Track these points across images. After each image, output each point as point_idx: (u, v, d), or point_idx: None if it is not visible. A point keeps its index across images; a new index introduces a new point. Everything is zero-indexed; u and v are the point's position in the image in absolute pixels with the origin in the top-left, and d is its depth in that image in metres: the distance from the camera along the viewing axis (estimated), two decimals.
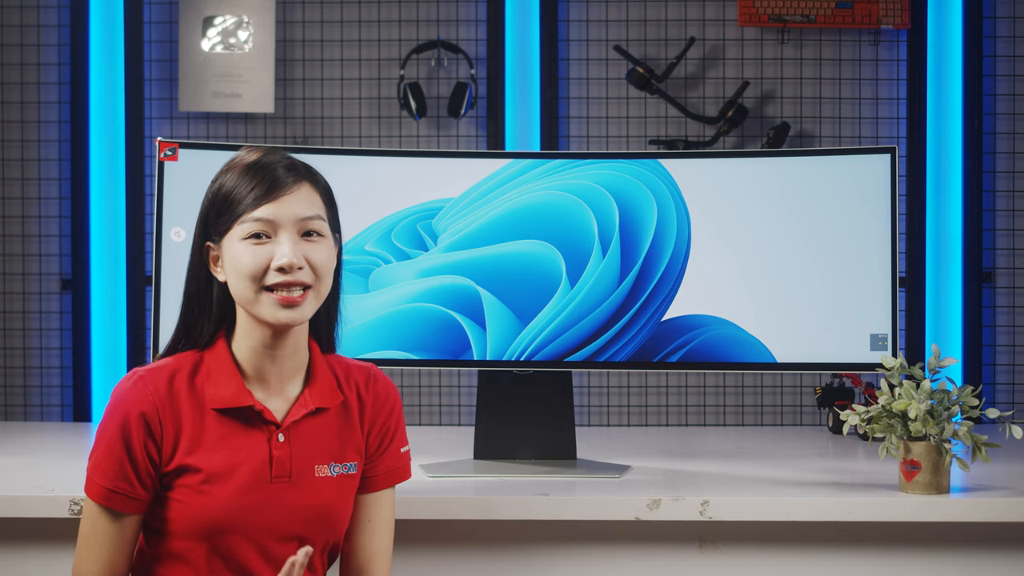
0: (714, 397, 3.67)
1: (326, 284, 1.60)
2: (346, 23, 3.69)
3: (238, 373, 1.60)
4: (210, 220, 1.60)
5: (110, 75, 3.65)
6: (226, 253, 1.58)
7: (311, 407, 1.62)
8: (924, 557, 1.97)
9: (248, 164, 1.59)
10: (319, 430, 1.63)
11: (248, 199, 1.56)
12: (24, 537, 1.94)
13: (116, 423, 1.56)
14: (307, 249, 1.57)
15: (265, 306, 1.56)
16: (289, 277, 1.55)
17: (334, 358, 1.69)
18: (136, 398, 1.56)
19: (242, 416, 1.58)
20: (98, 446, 1.58)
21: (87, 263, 3.62)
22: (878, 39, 3.66)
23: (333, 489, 1.63)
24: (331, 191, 1.64)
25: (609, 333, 2.19)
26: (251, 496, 1.57)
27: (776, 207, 2.21)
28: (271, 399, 1.61)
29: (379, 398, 1.69)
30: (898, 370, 2.01)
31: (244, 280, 1.56)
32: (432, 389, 3.67)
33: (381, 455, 1.69)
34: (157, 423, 1.56)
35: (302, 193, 1.58)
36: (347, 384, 1.67)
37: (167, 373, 1.59)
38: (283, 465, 1.59)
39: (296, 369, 1.63)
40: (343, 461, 1.64)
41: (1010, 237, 3.64)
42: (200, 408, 1.58)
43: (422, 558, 1.96)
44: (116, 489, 1.56)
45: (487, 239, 2.20)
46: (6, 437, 2.60)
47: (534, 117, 3.66)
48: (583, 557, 1.97)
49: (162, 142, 2.17)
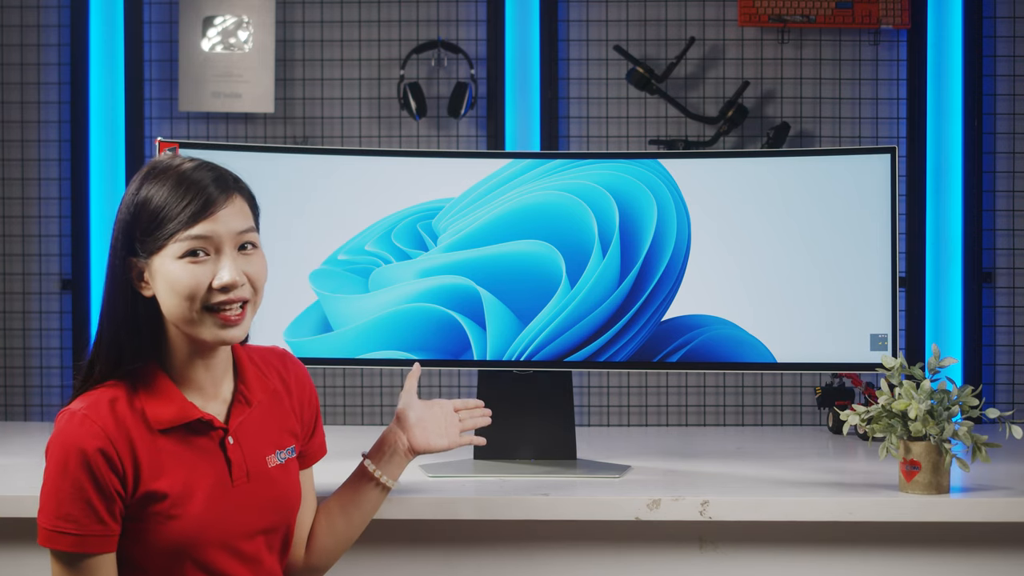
0: (714, 397, 3.67)
1: (261, 295, 1.59)
2: (346, 23, 3.69)
3: (175, 388, 1.57)
4: (135, 235, 1.53)
5: (110, 75, 3.65)
6: (158, 271, 1.53)
7: (252, 403, 1.63)
8: (924, 557, 1.96)
9: (177, 178, 1.54)
10: (258, 422, 1.64)
11: (182, 216, 1.51)
12: (24, 537, 1.94)
13: (76, 465, 1.49)
14: (244, 264, 1.55)
15: (206, 327, 1.53)
16: (231, 295, 1.53)
17: (248, 348, 1.69)
18: (88, 435, 1.50)
19: (191, 429, 1.57)
20: (58, 495, 1.50)
21: (87, 263, 3.62)
22: (878, 39, 3.66)
23: (285, 475, 1.65)
24: (255, 197, 1.62)
25: (609, 333, 2.19)
26: (219, 504, 1.57)
27: (776, 207, 2.21)
28: (209, 404, 1.60)
29: (299, 379, 1.72)
30: (898, 370, 2.01)
31: (182, 300, 1.52)
32: (432, 389, 3.67)
33: (313, 432, 1.74)
34: (115, 456, 1.51)
35: (235, 206, 1.55)
36: (268, 371, 1.68)
37: (106, 404, 1.52)
38: (240, 466, 1.60)
39: (226, 370, 1.63)
40: (285, 446, 1.66)
41: (1010, 237, 3.64)
42: (148, 431, 1.54)
43: (422, 558, 1.96)
44: (92, 533, 1.51)
45: (487, 239, 2.20)
46: (6, 437, 2.60)
47: (534, 117, 3.66)
48: (583, 557, 1.97)
49: (162, 142, 2.17)
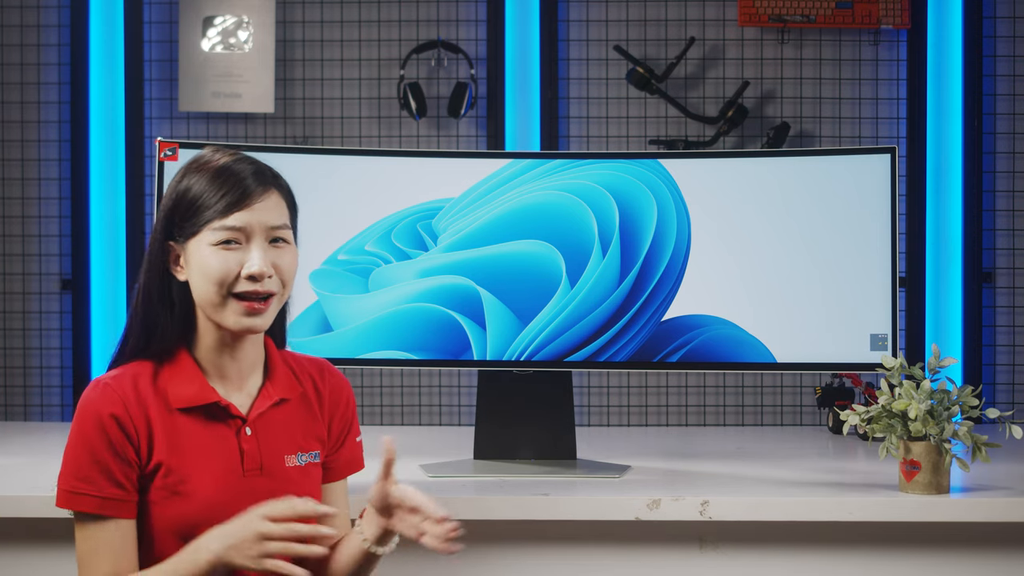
0: (714, 397, 3.67)
1: (289, 290, 1.63)
2: (346, 23, 3.69)
3: (199, 372, 1.61)
4: (175, 220, 1.60)
5: (110, 75, 3.65)
6: (192, 255, 1.58)
7: (275, 398, 1.64)
8: (924, 557, 1.96)
9: (217, 169, 1.59)
10: (283, 421, 1.65)
11: (218, 206, 1.57)
12: (24, 537, 1.94)
13: (93, 430, 1.55)
14: (275, 256, 1.59)
15: (229, 313, 1.57)
16: (258, 286, 1.57)
17: (287, 353, 1.72)
18: (106, 401, 1.56)
19: (208, 413, 1.60)
20: (76, 458, 1.56)
21: (87, 263, 3.62)
22: (878, 39, 3.65)
23: (303, 478, 1.65)
24: (294, 196, 1.66)
25: (609, 333, 2.19)
26: (227, 491, 1.58)
27: (776, 207, 2.21)
28: (233, 394, 1.63)
29: (335, 390, 1.72)
30: (898, 370, 2.01)
31: (212, 285, 1.57)
32: (432, 389, 3.67)
33: (342, 445, 1.73)
34: (130, 423, 1.56)
35: (271, 201, 1.59)
36: (302, 376, 1.70)
37: (130, 378, 1.59)
38: (254, 458, 1.61)
39: (255, 364, 1.65)
40: (308, 450, 1.67)
41: (1010, 237, 3.64)
42: (167, 409, 1.58)
43: (422, 558, 1.96)
44: (109, 496, 1.55)
45: (487, 239, 2.20)
46: (6, 437, 2.60)
47: (534, 117, 3.66)
48: (583, 557, 1.97)
49: (162, 142, 2.17)
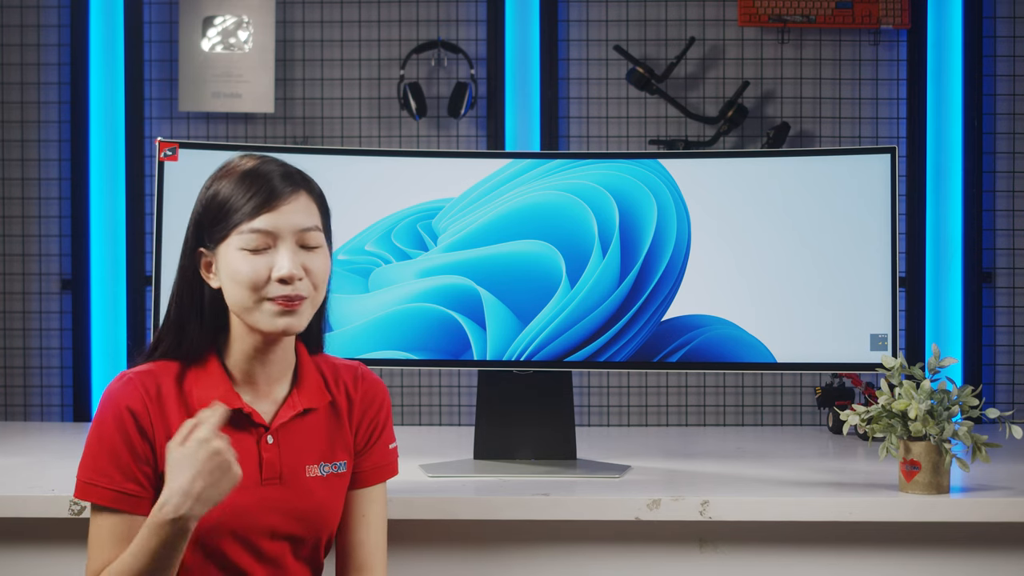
0: (714, 397, 3.67)
1: (322, 293, 1.61)
2: (346, 23, 3.69)
3: (226, 377, 1.60)
4: (204, 226, 1.58)
5: (110, 75, 3.64)
6: (222, 261, 1.57)
7: (299, 408, 1.62)
8: (924, 557, 1.96)
9: (244, 172, 1.58)
10: (308, 431, 1.63)
11: (246, 208, 1.55)
12: (24, 537, 1.94)
13: (112, 422, 1.56)
14: (305, 259, 1.57)
15: (264, 315, 1.56)
16: (289, 289, 1.55)
17: (322, 358, 1.70)
18: (125, 395, 1.56)
19: (231, 421, 1.57)
20: (97, 451, 1.57)
21: (87, 263, 3.62)
22: (878, 39, 3.65)
23: (324, 489, 1.63)
24: (325, 198, 1.63)
25: (609, 333, 2.19)
26: (242, 498, 1.57)
27: (776, 207, 2.21)
28: (259, 402, 1.61)
29: (367, 395, 1.69)
30: (898, 370, 2.01)
31: (243, 290, 1.55)
32: (432, 389, 3.67)
33: (369, 451, 1.69)
34: (147, 419, 1.55)
35: (300, 203, 1.57)
36: (335, 384, 1.68)
37: (155, 375, 1.58)
38: (273, 467, 1.60)
39: (284, 372, 1.63)
40: (333, 461, 1.65)
41: (1010, 237, 3.64)
42: (188, 411, 1.57)
43: (422, 558, 1.96)
44: (124, 491, 1.55)
45: (487, 239, 2.20)
46: (6, 437, 2.60)
47: (534, 117, 3.66)
48: (583, 557, 1.97)
49: (162, 142, 2.17)
